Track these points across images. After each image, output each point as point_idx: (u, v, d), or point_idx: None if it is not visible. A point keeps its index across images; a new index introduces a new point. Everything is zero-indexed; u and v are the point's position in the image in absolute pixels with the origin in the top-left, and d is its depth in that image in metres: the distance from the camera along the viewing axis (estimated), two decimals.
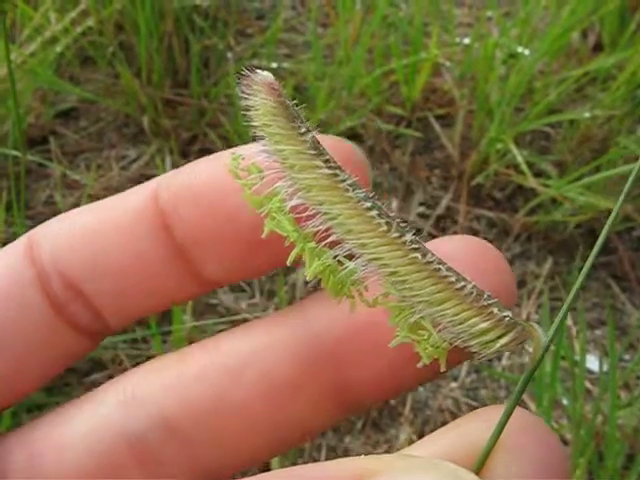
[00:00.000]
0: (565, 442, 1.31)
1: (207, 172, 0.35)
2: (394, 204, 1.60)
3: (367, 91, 1.69)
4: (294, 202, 0.29)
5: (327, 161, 0.28)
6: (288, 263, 0.30)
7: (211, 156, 0.36)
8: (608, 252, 1.57)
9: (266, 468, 1.26)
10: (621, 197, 0.29)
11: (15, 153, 1.26)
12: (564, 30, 1.62)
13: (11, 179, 1.08)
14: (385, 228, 0.27)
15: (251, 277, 0.37)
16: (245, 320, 1.44)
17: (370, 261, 0.28)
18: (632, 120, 1.62)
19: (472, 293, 0.27)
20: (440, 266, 0.27)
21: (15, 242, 0.36)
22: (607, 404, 1.19)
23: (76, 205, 1.54)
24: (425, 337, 0.28)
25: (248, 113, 0.30)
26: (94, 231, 0.35)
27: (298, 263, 0.30)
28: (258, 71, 0.30)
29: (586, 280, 1.53)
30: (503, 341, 0.28)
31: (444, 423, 1.33)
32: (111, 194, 1.31)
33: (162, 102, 1.65)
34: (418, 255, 0.27)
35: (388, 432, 1.34)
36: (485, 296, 0.28)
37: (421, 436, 1.16)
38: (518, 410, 0.28)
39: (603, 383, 1.24)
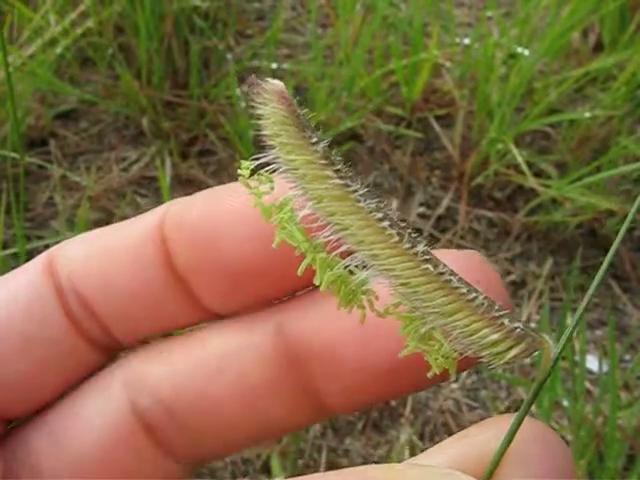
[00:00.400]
0: (565, 443, 1.31)
1: (205, 206, 0.36)
2: (394, 204, 1.60)
3: (367, 92, 1.69)
4: (305, 212, 0.29)
5: (338, 171, 0.28)
6: (299, 273, 0.29)
7: (215, 189, 0.37)
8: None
9: (266, 466, 1.26)
10: (637, 201, 0.29)
11: (14, 155, 1.26)
12: (564, 30, 1.62)
13: (10, 181, 1.08)
14: (397, 239, 0.27)
15: (249, 310, 0.37)
16: None
17: (381, 272, 0.28)
18: (632, 120, 1.62)
19: (483, 304, 0.27)
20: (452, 277, 0.27)
21: (35, 259, 0.38)
22: (607, 405, 1.18)
23: (76, 207, 1.54)
24: (436, 348, 0.28)
25: (259, 122, 0.29)
26: (106, 255, 0.37)
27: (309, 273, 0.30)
28: (269, 79, 0.29)
29: (586, 280, 1.53)
30: (514, 352, 0.28)
31: (445, 424, 1.33)
32: (111, 196, 1.31)
33: (162, 103, 1.65)
34: (430, 266, 0.27)
35: (389, 433, 1.34)
36: (496, 307, 0.28)
37: (422, 437, 1.16)
38: (528, 419, 0.28)
39: (603, 384, 1.24)
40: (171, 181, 1.60)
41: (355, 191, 0.28)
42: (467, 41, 1.77)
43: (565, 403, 1.28)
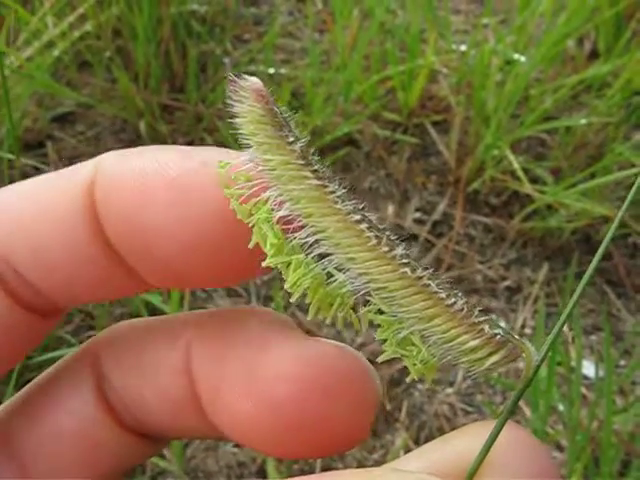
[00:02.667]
0: (561, 448, 1.32)
1: (138, 171, 0.31)
2: (390, 210, 1.61)
3: (364, 97, 1.69)
4: (282, 213, 0.28)
5: (316, 171, 0.27)
6: (264, 264, 0.29)
7: (159, 148, 0.33)
8: (604, 258, 1.57)
9: (261, 470, 1.26)
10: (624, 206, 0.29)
11: (10, 156, 1.26)
12: (560, 37, 1.63)
13: (6, 183, 1.08)
14: (375, 242, 0.27)
15: (189, 286, 0.35)
16: None
17: (359, 275, 0.27)
18: (627, 127, 1.63)
19: (463, 310, 0.27)
20: (430, 282, 0.27)
21: None
22: (603, 410, 1.19)
23: None
24: (414, 353, 0.28)
25: (235, 121, 0.29)
26: (31, 220, 0.33)
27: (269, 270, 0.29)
28: (246, 77, 0.29)
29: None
30: (493, 359, 0.27)
31: (440, 428, 1.34)
32: None
33: (159, 107, 1.65)
34: (407, 270, 0.27)
35: (384, 437, 1.34)
36: (476, 313, 0.27)
37: (417, 441, 1.16)
38: (509, 425, 0.28)
39: (599, 389, 1.24)
40: None
41: (333, 192, 0.27)
42: (464, 48, 1.78)
43: (561, 408, 1.28)
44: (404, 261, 0.27)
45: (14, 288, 0.33)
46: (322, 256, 0.28)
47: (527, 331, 1.48)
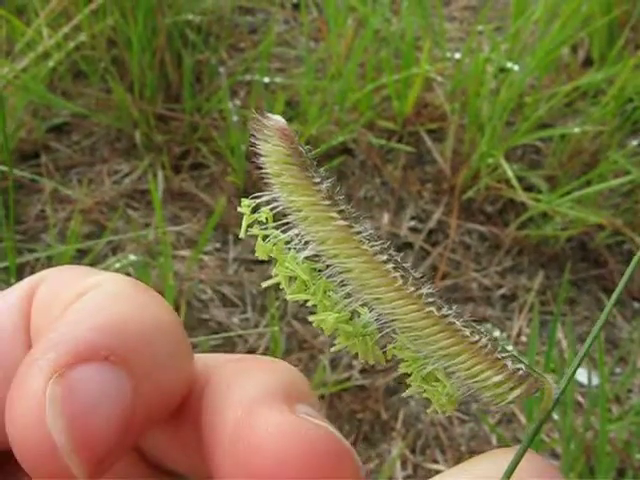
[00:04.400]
0: (556, 456, 1.32)
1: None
2: (385, 218, 1.61)
3: (359, 105, 1.70)
4: (307, 253, 0.28)
5: (342, 212, 0.28)
6: (287, 297, 0.29)
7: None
8: (598, 265, 1.57)
9: None
10: None
11: (3, 168, 1.26)
12: (554, 45, 1.64)
13: (0, 194, 1.08)
14: (401, 282, 0.27)
15: None
16: (239, 337, 1.44)
17: (385, 314, 0.28)
18: (622, 134, 1.63)
19: (487, 346, 0.27)
20: (455, 320, 0.27)
21: None
22: (598, 418, 1.19)
23: (68, 220, 1.54)
24: (439, 388, 0.28)
25: (259, 161, 0.28)
26: None
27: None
28: (270, 115, 0.28)
29: (577, 294, 1.54)
30: (516, 393, 0.28)
31: (436, 437, 1.34)
32: (103, 209, 1.31)
33: (154, 117, 1.65)
34: (433, 309, 0.27)
35: (380, 446, 1.34)
36: (499, 349, 0.28)
37: (413, 450, 1.16)
38: (528, 454, 0.28)
39: (593, 397, 1.24)
40: (163, 194, 1.60)
41: (359, 232, 0.27)
42: (458, 56, 1.78)
43: (555, 416, 1.28)
44: (429, 300, 0.27)
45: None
46: (348, 295, 0.28)
47: (523, 339, 1.48)
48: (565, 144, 1.63)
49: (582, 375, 1.40)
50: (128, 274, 1.44)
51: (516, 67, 1.66)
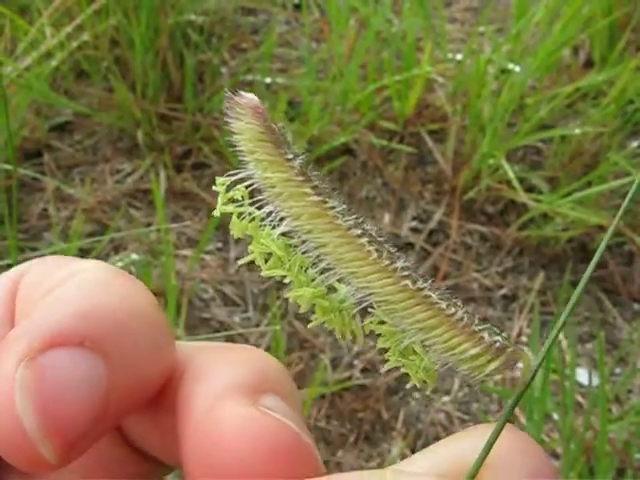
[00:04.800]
0: (556, 456, 1.32)
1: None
2: (387, 218, 1.61)
3: (360, 106, 1.70)
4: (282, 229, 0.28)
5: (316, 187, 0.28)
6: (263, 274, 0.29)
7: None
8: (599, 266, 1.58)
9: None
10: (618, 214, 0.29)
11: (7, 167, 1.27)
12: (555, 47, 1.64)
13: (3, 192, 1.09)
14: (375, 256, 0.27)
15: None
16: (240, 336, 1.45)
17: (361, 288, 0.28)
18: (622, 136, 1.64)
19: (463, 319, 0.28)
20: (431, 292, 0.27)
21: None
22: (598, 418, 1.19)
23: (70, 218, 1.55)
24: (416, 362, 0.28)
25: (233, 138, 0.29)
26: None
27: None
28: (243, 93, 0.28)
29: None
30: (493, 366, 0.28)
31: (437, 437, 1.34)
32: (105, 208, 1.31)
33: (157, 116, 1.66)
34: (408, 282, 0.27)
35: (381, 446, 1.34)
36: (476, 321, 0.28)
37: (414, 450, 1.17)
38: (508, 428, 0.28)
39: (594, 397, 1.25)
40: (165, 194, 1.61)
41: (333, 207, 0.28)
42: (459, 57, 1.79)
43: (555, 416, 1.29)
44: (405, 273, 0.27)
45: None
46: (324, 270, 0.28)
47: (523, 339, 1.48)
48: (566, 145, 1.64)
49: (582, 376, 1.41)
50: (130, 273, 1.44)
51: (517, 68, 1.67)
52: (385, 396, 1.39)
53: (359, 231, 0.27)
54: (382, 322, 0.29)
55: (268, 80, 1.75)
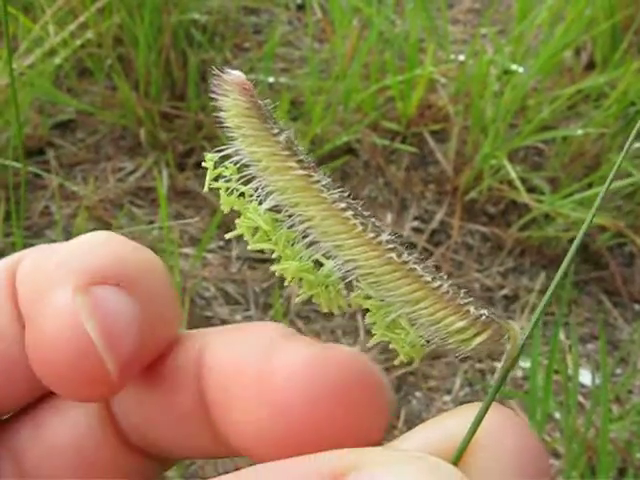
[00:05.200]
0: (558, 455, 1.32)
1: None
2: (389, 218, 1.62)
3: (363, 106, 1.71)
4: (268, 204, 0.29)
5: (301, 161, 0.28)
6: (249, 247, 0.30)
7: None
8: (600, 267, 1.58)
9: None
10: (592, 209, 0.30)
11: (14, 164, 1.27)
12: (557, 48, 1.65)
13: (10, 190, 1.09)
14: (360, 229, 0.27)
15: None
16: None
17: (346, 262, 0.28)
18: (624, 137, 1.64)
19: (448, 292, 0.28)
20: (416, 266, 0.27)
21: None
22: (599, 418, 1.20)
23: (73, 216, 1.55)
24: (402, 336, 0.28)
25: (220, 114, 0.29)
26: None
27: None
28: (229, 70, 0.29)
29: (578, 295, 1.55)
30: (480, 339, 0.28)
31: None
32: (107, 206, 1.31)
33: (159, 115, 1.66)
34: (393, 255, 0.27)
35: (381, 444, 1.34)
36: (462, 295, 0.28)
37: None
38: (496, 406, 0.29)
39: (595, 397, 1.25)
40: (167, 192, 1.61)
41: (318, 181, 0.28)
42: (462, 57, 1.79)
43: (557, 416, 1.29)
44: (390, 246, 0.27)
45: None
46: (310, 244, 0.29)
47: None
48: (567, 146, 1.64)
49: (584, 376, 1.41)
50: None
51: (520, 70, 1.67)
52: None
53: (344, 204, 0.28)
54: (368, 296, 0.29)
55: (271, 80, 1.76)
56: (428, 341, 0.28)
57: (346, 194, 0.28)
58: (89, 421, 0.35)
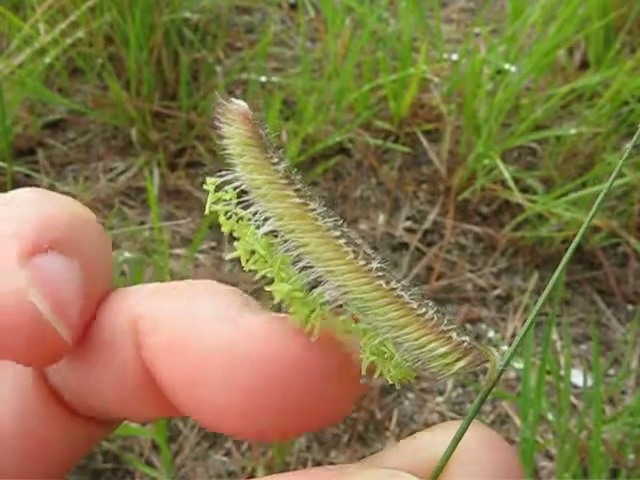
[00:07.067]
0: (550, 457, 1.32)
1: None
2: (381, 218, 1.61)
3: (355, 106, 1.70)
4: (266, 229, 0.30)
5: (298, 190, 0.30)
6: (246, 268, 0.30)
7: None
8: (593, 268, 1.58)
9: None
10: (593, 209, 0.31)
11: (2, 164, 1.26)
12: (551, 48, 1.64)
13: None
14: (352, 256, 0.29)
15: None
16: None
17: (337, 287, 0.29)
18: (617, 137, 1.64)
19: (433, 319, 0.29)
20: (403, 293, 0.29)
21: None
22: (592, 419, 1.19)
23: None
24: (387, 358, 0.30)
25: (222, 142, 0.31)
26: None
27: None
28: (233, 100, 0.30)
29: (572, 295, 1.54)
30: (461, 364, 0.29)
31: None
32: (98, 206, 1.30)
33: (151, 114, 1.65)
34: (382, 282, 0.29)
35: (374, 446, 1.34)
36: (445, 322, 0.29)
37: None
38: (475, 425, 0.29)
39: (588, 398, 1.25)
40: (159, 192, 1.60)
41: (314, 210, 0.29)
42: (455, 57, 1.78)
43: (550, 417, 1.28)
44: (379, 274, 0.29)
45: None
46: (304, 268, 0.30)
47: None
48: (561, 146, 1.64)
49: (577, 377, 1.41)
50: (123, 272, 1.44)
51: (513, 69, 1.67)
52: (379, 396, 1.39)
53: (338, 232, 0.29)
54: (356, 320, 0.30)
55: (263, 79, 1.75)
56: (412, 364, 0.30)
57: (340, 222, 0.30)
58: (26, 394, 0.34)
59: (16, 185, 1.59)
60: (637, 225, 1.58)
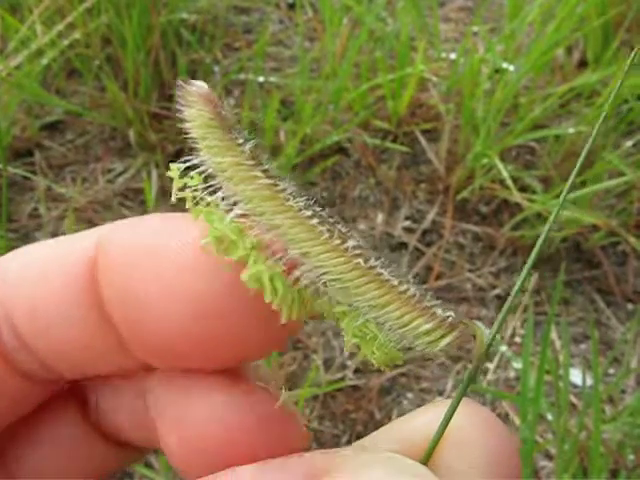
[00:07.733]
0: (550, 456, 1.31)
1: (127, 246, 0.30)
2: (380, 218, 1.61)
3: (353, 105, 1.70)
4: (235, 213, 0.29)
5: (266, 171, 0.28)
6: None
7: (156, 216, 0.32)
8: (593, 267, 1.57)
9: None
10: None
11: None
12: (549, 46, 1.64)
13: None
14: (327, 235, 0.28)
15: (192, 366, 0.31)
16: None
17: (314, 268, 0.28)
18: (616, 135, 1.63)
19: (415, 295, 0.28)
20: (383, 270, 0.28)
21: None
22: (592, 418, 1.19)
23: (61, 218, 1.54)
24: (371, 339, 0.29)
25: (184, 125, 0.29)
26: (35, 282, 0.31)
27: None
28: (193, 81, 0.29)
29: (571, 294, 1.54)
30: (446, 340, 0.28)
31: None
32: (96, 207, 1.30)
33: (148, 115, 1.65)
34: (360, 260, 0.27)
35: None
36: (428, 297, 0.28)
37: None
38: (466, 403, 0.29)
39: (587, 397, 1.24)
40: (157, 193, 1.59)
41: (284, 190, 0.28)
42: (453, 56, 1.78)
43: (549, 417, 1.28)
44: (356, 252, 0.28)
45: (10, 351, 0.32)
46: (278, 252, 0.29)
47: (517, 339, 1.48)
48: (559, 145, 1.63)
49: (576, 376, 1.40)
50: None
51: (511, 68, 1.66)
52: (378, 397, 1.38)
53: (310, 212, 0.28)
54: (337, 302, 0.29)
55: (261, 79, 1.75)
56: (397, 344, 0.29)
57: (312, 201, 0.28)
58: (72, 428, 0.35)
59: (14, 186, 1.59)
60: (636, 224, 1.58)
